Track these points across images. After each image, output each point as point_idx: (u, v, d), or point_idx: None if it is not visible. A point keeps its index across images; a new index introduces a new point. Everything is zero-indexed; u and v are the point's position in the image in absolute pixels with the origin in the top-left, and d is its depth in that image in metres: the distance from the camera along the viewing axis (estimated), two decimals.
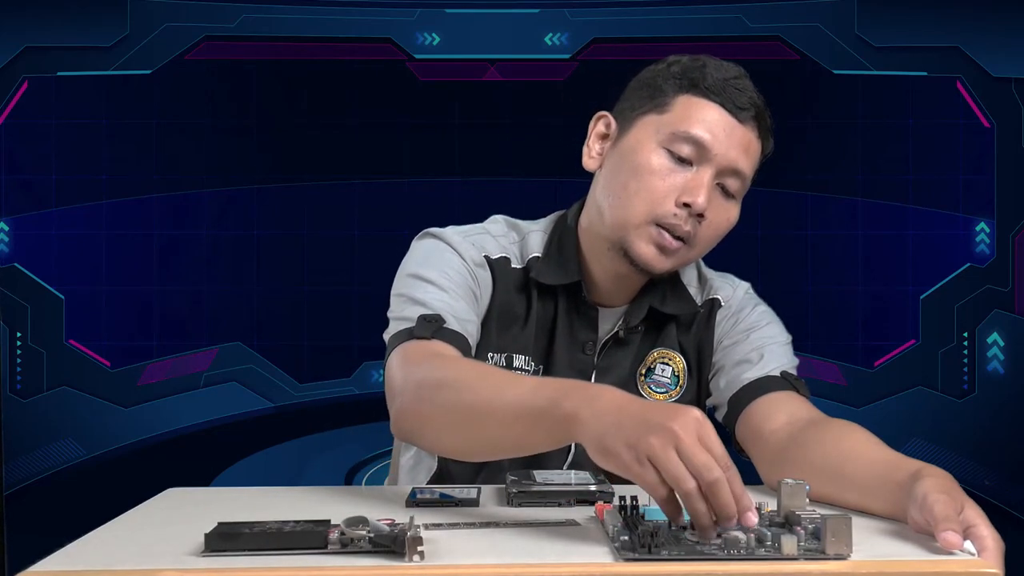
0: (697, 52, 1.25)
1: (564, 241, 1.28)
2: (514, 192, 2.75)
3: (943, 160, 2.80)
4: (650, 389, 1.28)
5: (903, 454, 0.99)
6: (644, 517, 0.82)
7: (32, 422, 2.75)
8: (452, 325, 1.15)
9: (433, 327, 1.13)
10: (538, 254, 1.28)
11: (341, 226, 2.82)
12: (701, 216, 1.18)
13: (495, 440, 0.99)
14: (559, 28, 2.84)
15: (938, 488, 0.84)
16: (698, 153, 1.17)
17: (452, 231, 1.27)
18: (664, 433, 0.78)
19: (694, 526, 0.78)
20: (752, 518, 0.77)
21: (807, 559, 0.73)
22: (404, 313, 1.17)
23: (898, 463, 0.96)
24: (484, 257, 1.26)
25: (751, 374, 1.21)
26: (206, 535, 0.76)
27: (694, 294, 1.31)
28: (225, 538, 0.75)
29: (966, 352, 2.78)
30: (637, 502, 0.84)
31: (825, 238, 2.82)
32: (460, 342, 1.15)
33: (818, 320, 2.78)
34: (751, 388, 1.20)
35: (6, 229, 2.77)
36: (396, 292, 1.22)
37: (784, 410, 1.15)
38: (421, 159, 2.82)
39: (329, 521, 0.79)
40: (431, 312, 1.15)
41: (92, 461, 2.76)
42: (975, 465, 2.71)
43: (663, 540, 0.75)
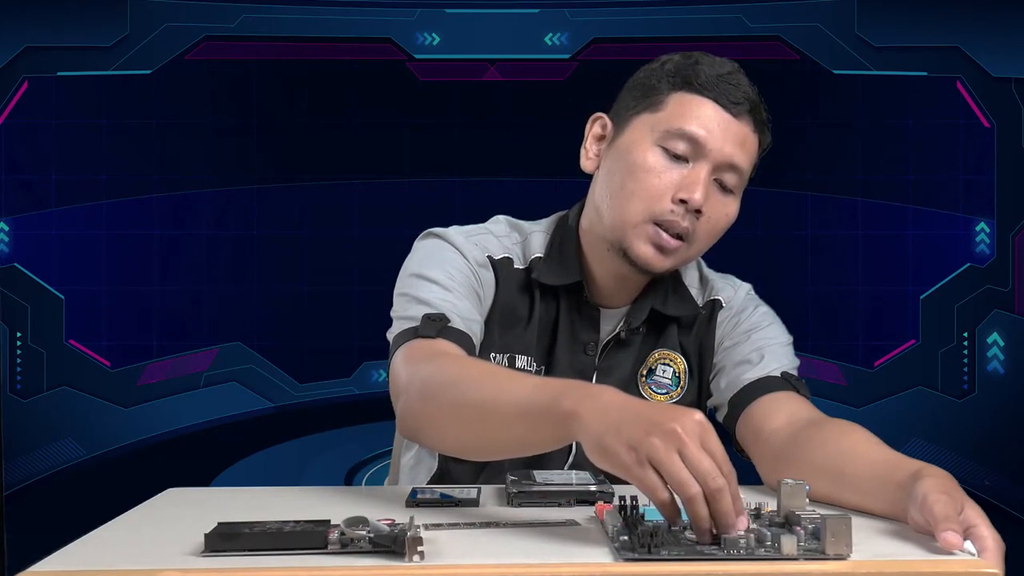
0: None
1: (565, 242, 1.28)
2: (514, 192, 2.75)
3: (943, 160, 2.80)
4: (651, 390, 1.28)
5: (903, 454, 0.99)
6: (644, 517, 0.82)
7: (32, 422, 2.75)
8: (457, 324, 1.15)
9: (438, 326, 1.13)
10: (540, 255, 1.28)
11: (341, 226, 2.82)
12: (699, 212, 1.17)
13: (497, 438, 0.99)
14: (559, 28, 2.84)
15: (938, 488, 0.84)
16: (693, 150, 1.17)
17: (455, 231, 1.27)
18: (667, 435, 0.78)
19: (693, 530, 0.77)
20: (744, 522, 0.77)
21: (807, 559, 0.73)
22: (408, 312, 1.17)
23: (898, 463, 0.95)
24: (487, 257, 1.26)
25: (752, 374, 1.21)
26: (206, 535, 0.76)
27: (695, 295, 1.31)
28: (225, 538, 0.75)
29: (966, 352, 2.78)
30: (637, 502, 0.84)
31: (825, 238, 2.82)
32: (465, 341, 1.15)
33: (818, 320, 2.78)
34: (752, 388, 1.20)
35: (6, 229, 2.77)
36: (399, 291, 1.22)
37: (784, 410, 1.15)
38: (421, 159, 2.82)
39: (329, 521, 0.79)
40: (435, 311, 1.15)
41: (92, 461, 2.76)
42: (975, 465, 2.71)
43: (663, 540, 0.75)
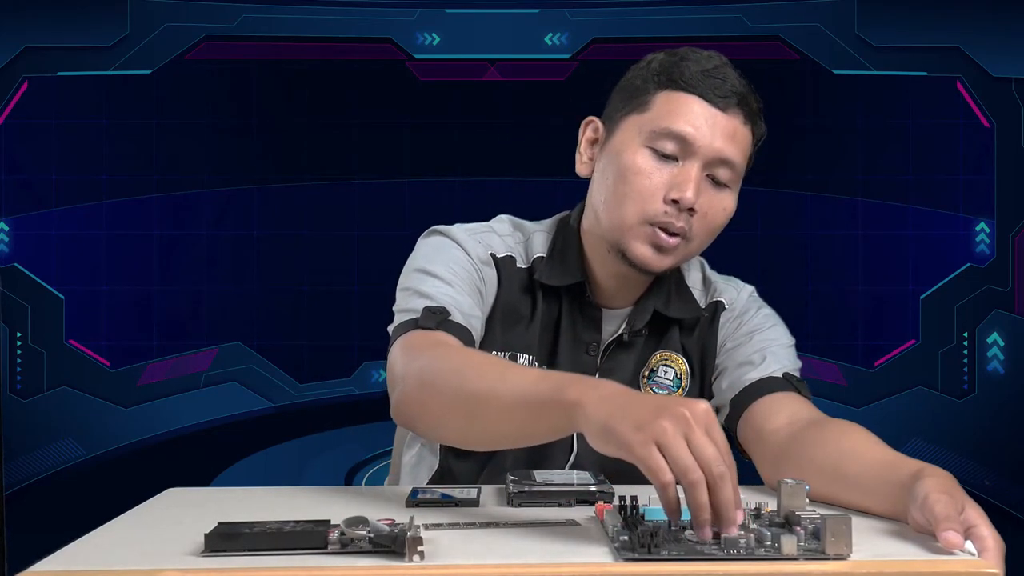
0: None
1: (567, 242, 1.29)
2: (514, 192, 2.75)
3: (943, 160, 2.80)
4: (652, 390, 1.27)
5: (903, 454, 0.99)
6: (644, 517, 0.82)
7: (32, 422, 2.75)
8: (456, 318, 1.15)
9: (438, 318, 1.14)
10: (542, 254, 1.29)
11: (341, 226, 2.82)
12: (692, 211, 1.17)
13: (496, 428, 0.99)
14: (559, 28, 2.84)
15: (939, 488, 0.84)
16: (682, 148, 1.17)
17: (459, 228, 1.27)
18: (677, 419, 0.78)
19: (693, 525, 0.77)
20: (741, 516, 0.77)
21: (807, 559, 0.73)
22: (409, 305, 1.18)
23: (898, 463, 0.96)
24: (490, 255, 1.27)
25: (753, 375, 1.21)
26: (206, 535, 0.76)
27: (698, 296, 1.31)
28: (225, 538, 0.75)
29: (966, 352, 2.78)
30: (637, 502, 0.84)
31: (825, 238, 2.82)
32: (464, 334, 1.15)
33: (818, 320, 2.78)
34: (753, 389, 1.20)
35: (6, 229, 2.77)
36: (402, 286, 1.22)
37: (785, 410, 1.15)
38: (421, 159, 2.82)
39: (329, 521, 0.79)
40: (436, 304, 1.15)
41: (92, 461, 2.76)
42: (975, 465, 2.71)
43: (663, 540, 0.75)
